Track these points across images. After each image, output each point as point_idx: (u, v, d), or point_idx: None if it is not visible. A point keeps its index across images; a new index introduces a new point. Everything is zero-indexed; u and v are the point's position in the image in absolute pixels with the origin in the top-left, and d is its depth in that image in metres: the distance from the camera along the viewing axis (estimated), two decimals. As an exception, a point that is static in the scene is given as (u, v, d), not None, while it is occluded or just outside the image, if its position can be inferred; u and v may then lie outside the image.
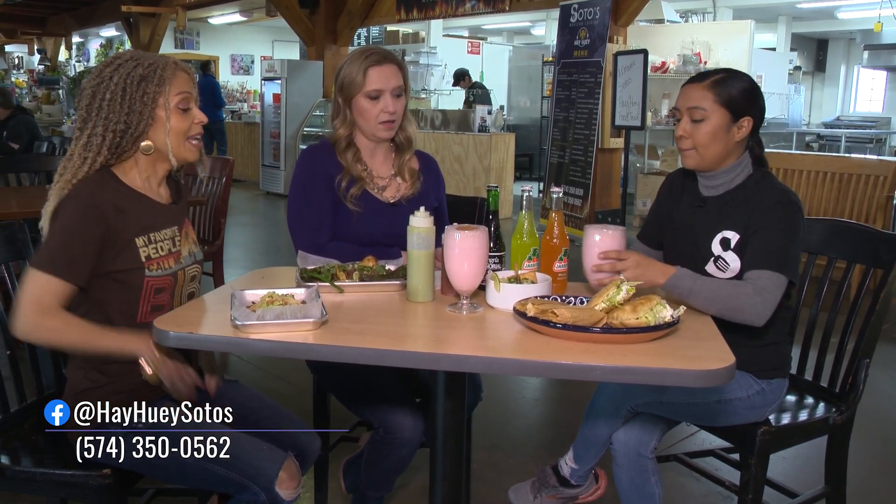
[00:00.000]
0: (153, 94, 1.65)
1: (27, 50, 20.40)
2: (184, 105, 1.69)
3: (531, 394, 3.66)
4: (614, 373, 1.35)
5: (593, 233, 1.78)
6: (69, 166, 1.66)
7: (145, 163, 1.72)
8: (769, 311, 1.72)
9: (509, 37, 17.92)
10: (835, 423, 2.03)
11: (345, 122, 2.13)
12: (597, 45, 6.99)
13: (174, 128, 1.68)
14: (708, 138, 1.86)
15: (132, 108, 1.64)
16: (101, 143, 1.65)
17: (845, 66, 17.00)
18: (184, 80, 1.70)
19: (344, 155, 2.13)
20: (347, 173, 2.11)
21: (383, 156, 2.19)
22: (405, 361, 1.45)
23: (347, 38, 10.23)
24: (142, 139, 1.67)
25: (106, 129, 1.64)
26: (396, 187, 2.18)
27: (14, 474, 1.70)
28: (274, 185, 10.30)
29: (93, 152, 1.65)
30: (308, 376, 2.24)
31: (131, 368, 1.70)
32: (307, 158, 2.16)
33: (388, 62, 2.08)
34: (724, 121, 1.86)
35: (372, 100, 2.07)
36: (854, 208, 5.51)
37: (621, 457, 1.94)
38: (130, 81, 1.64)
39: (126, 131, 1.65)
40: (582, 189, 7.17)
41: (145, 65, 1.66)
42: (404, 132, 2.18)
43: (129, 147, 1.67)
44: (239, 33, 18.30)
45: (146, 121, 1.66)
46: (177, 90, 1.68)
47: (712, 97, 1.85)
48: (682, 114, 1.90)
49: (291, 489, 1.65)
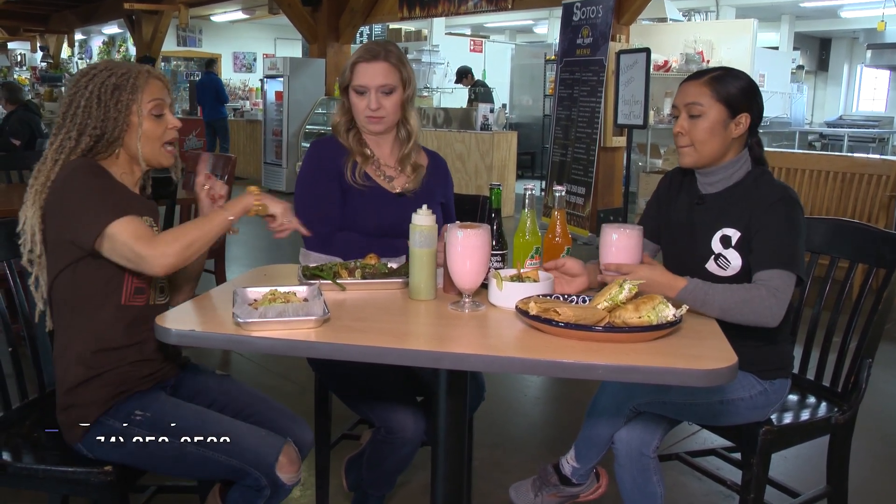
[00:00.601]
0: (126, 102, 1.72)
1: (30, 47, 20.43)
2: (157, 111, 1.76)
3: (533, 392, 3.66)
4: (617, 372, 1.35)
5: (611, 232, 1.77)
6: (42, 169, 1.73)
7: (123, 161, 1.78)
8: (783, 311, 1.72)
9: (512, 35, 17.92)
10: (837, 423, 2.03)
11: (342, 110, 2.19)
12: (599, 43, 6.99)
13: (147, 133, 1.75)
14: (705, 134, 1.86)
15: (107, 115, 1.71)
16: (75, 146, 1.72)
17: (848, 66, 16.98)
18: (156, 88, 1.77)
19: (346, 137, 2.18)
20: (352, 156, 2.15)
21: (389, 147, 2.21)
22: (407, 359, 1.44)
23: (350, 35, 10.23)
24: (117, 144, 1.74)
25: (81, 133, 1.71)
26: (404, 180, 2.20)
27: (16, 471, 1.70)
28: (276, 183, 10.30)
29: (64, 154, 1.72)
30: (310, 374, 2.25)
31: (120, 359, 1.72)
32: (313, 152, 2.21)
33: (377, 60, 2.09)
34: (722, 117, 1.86)
35: (359, 94, 2.11)
36: (857, 208, 5.51)
37: (623, 456, 1.94)
38: (104, 90, 1.72)
39: (102, 136, 1.72)
40: (584, 188, 7.16)
41: (119, 74, 1.74)
42: (406, 126, 2.19)
43: (103, 150, 1.74)
44: (241, 31, 18.32)
45: (121, 126, 1.73)
46: (149, 97, 1.75)
47: (709, 93, 1.85)
48: (679, 111, 1.90)
49: (292, 473, 1.68)
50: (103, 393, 1.70)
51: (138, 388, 1.74)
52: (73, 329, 1.72)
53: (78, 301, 1.72)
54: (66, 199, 1.65)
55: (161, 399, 1.74)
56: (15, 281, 1.95)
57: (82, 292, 1.71)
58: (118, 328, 1.72)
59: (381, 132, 2.17)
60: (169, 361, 1.84)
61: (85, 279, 1.70)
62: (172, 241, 1.60)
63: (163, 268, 1.59)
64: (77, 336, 1.72)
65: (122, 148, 1.76)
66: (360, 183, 2.13)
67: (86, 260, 1.68)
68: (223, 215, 1.68)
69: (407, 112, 2.18)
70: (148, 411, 1.69)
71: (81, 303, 1.72)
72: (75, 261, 1.68)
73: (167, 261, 1.59)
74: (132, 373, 1.74)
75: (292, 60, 10.38)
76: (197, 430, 1.67)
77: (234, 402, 1.85)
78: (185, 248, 1.61)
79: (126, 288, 1.73)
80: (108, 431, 1.68)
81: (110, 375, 1.71)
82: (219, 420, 1.71)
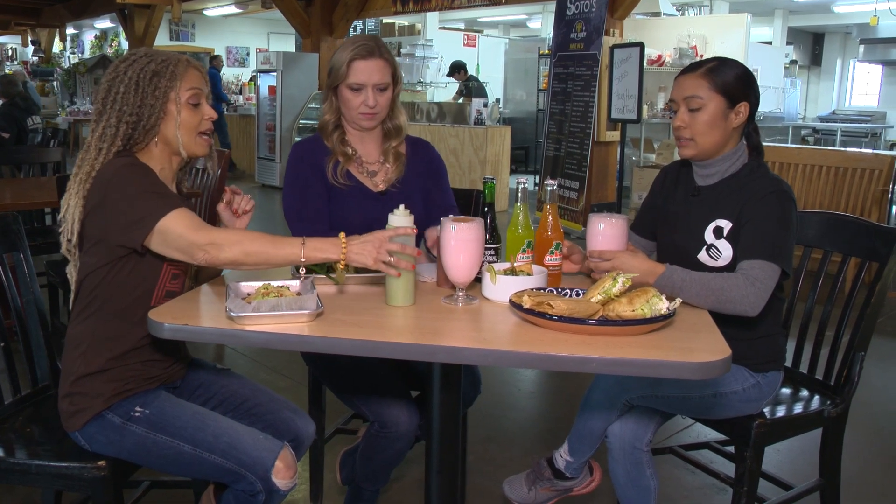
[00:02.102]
0: (164, 89, 1.70)
1: (21, 41, 20.30)
2: (194, 100, 1.74)
3: (526, 386, 3.66)
4: (610, 365, 1.35)
5: (597, 221, 1.80)
6: (87, 158, 1.70)
7: (160, 154, 1.76)
8: (762, 301, 1.72)
9: (505, 29, 17.90)
10: (830, 416, 2.03)
11: (331, 108, 2.17)
12: (593, 37, 6.98)
13: (184, 122, 1.73)
14: (706, 126, 1.86)
15: (144, 102, 1.69)
16: (115, 133, 1.69)
17: (841, 60, 17.01)
18: (195, 77, 1.75)
19: (330, 138, 2.18)
20: (334, 156, 2.16)
21: (373, 143, 2.21)
22: (401, 353, 1.44)
23: (343, 30, 10.20)
24: (153, 132, 1.72)
25: (119, 120, 1.69)
26: (385, 172, 2.20)
27: (9, 466, 1.70)
28: (270, 178, 10.28)
29: (107, 143, 1.69)
30: (304, 369, 2.24)
31: (134, 357, 1.71)
32: (295, 153, 2.21)
33: (374, 57, 2.08)
34: (721, 107, 1.86)
35: (354, 91, 2.09)
36: (850, 202, 5.52)
37: (617, 450, 1.95)
38: (143, 76, 1.69)
39: (138, 123, 1.70)
40: (578, 182, 7.17)
41: (158, 61, 1.72)
42: (394, 121, 2.19)
43: (140, 139, 1.72)
44: (234, 25, 18.25)
45: (157, 114, 1.70)
46: (188, 86, 1.73)
47: (707, 84, 1.86)
48: (678, 105, 1.90)
49: (288, 479, 1.67)
50: (110, 388, 1.69)
51: (144, 387, 1.73)
52: (95, 322, 1.71)
53: (107, 297, 1.70)
54: (109, 199, 1.62)
55: (161, 397, 1.73)
56: (7, 276, 1.94)
57: (114, 290, 1.69)
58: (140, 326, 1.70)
59: (371, 128, 2.17)
60: (178, 363, 1.84)
61: (120, 279, 1.69)
62: (236, 243, 1.58)
63: (215, 260, 1.58)
64: (98, 330, 1.70)
65: (159, 137, 1.73)
66: (342, 182, 2.14)
67: (125, 259, 1.67)
68: (297, 252, 1.59)
69: (395, 107, 2.18)
70: (147, 409, 1.69)
71: (111, 299, 1.70)
72: (114, 260, 1.67)
73: (232, 257, 1.58)
74: (142, 372, 1.73)
75: (286, 55, 10.34)
76: (194, 430, 1.66)
77: (234, 396, 1.85)
78: (245, 256, 1.59)
79: (157, 293, 1.72)
80: (107, 426, 1.67)
81: (120, 371, 1.70)
82: (217, 421, 1.70)
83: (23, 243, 1.99)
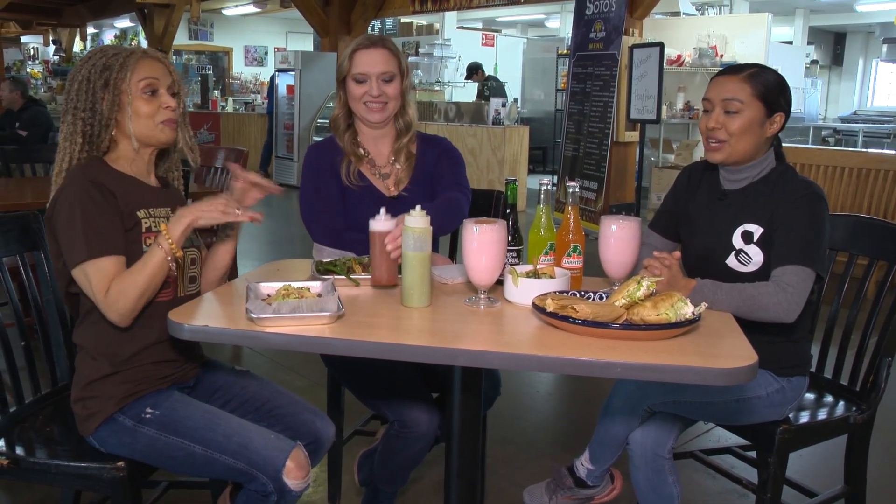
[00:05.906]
0: (116, 81, 1.71)
1: (42, 41, 20.47)
2: (148, 90, 1.73)
3: (544, 388, 3.64)
4: (634, 370, 1.33)
5: (610, 223, 1.77)
6: (56, 159, 1.73)
7: (125, 147, 1.76)
8: (797, 306, 1.70)
9: (523, 29, 17.85)
10: (855, 423, 2.00)
11: (340, 104, 2.18)
12: (612, 37, 6.94)
13: (136, 111, 1.72)
14: (741, 130, 1.84)
15: (95, 96, 1.70)
16: (74, 131, 1.71)
17: (863, 60, 16.84)
18: (149, 66, 1.74)
19: (343, 137, 2.18)
20: (347, 156, 2.16)
21: (386, 144, 2.21)
22: (422, 356, 1.43)
23: (361, 29, 10.20)
24: (111, 125, 1.73)
25: (76, 117, 1.71)
26: (396, 173, 2.19)
27: (29, 465, 1.70)
28: (287, 177, 10.30)
29: (69, 142, 1.72)
30: (322, 369, 2.24)
31: (143, 358, 1.71)
32: (311, 154, 2.21)
33: (375, 47, 2.09)
34: (759, 115, 1.83)
35: (358, 83, 2.11)
36: (872, 204, 5.46)
37: (638, 458, 1.92)
38: (94, 71, 1.71)
39: (93, 117, 1.71)
40: (596, 182, 7.13)
41: (110, 55, 1.73)
42: (404, 116, 2.18)
43: (99, 133, 1.72)
44: (253, 24, 18.32)
45: (111, 107, 1.71)
46: (140, 76, 1.72)
47: (749, 90, 1.83)
48: (713, 105, 1.87)
49: (300, 479, 1.65)
50: (121, 389, 1.69)
51: (156, 387, 1.73)
52: (97, 328, 1.70)
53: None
54: (57, 218, 1.64)
55: (173, 398, 1.73)
56: (28, 275, 1.95)
57: None
58: (146, 326, 1.70)
59: (382, 122, 2.15)
60: (190, 363, 1.83)
61: None
62: (120, 297, 1.60)
63: (122, 322, 1.63)
64: (99, 335, 1.70)
65: (119, 130, 1.74)
66: (355, 183, 2.13)
67: None
68: (156, 250, 1.63)
69: (406, 102, 2.17)
70: (158, 409, 1.68)
71: None
72: None
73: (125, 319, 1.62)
74: (152, 372, 1.73)
75: (304, 54, 10.37)
76: (204, 430, 1.65)
77: (253, 398, 1.84)
78: (136, 301, 1.61)
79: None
80: (118, 429, 1.67)
81: (131, 373, 1.70)
82: (228, 421, 1.69)
83: (43, 242, 1.99)
